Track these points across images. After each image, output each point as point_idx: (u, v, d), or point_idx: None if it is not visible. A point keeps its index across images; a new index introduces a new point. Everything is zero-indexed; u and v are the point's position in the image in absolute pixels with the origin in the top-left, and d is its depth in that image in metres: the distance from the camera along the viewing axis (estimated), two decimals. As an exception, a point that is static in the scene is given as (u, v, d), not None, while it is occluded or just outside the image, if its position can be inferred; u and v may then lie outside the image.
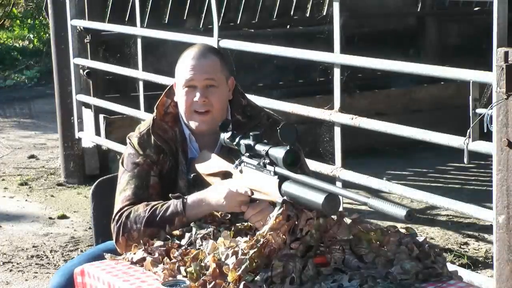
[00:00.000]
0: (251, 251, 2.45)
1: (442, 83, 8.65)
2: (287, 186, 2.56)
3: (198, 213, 2.87)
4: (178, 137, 3.09)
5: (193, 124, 3.06)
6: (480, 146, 3.96)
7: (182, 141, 3.09)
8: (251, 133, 2.76)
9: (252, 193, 2.76)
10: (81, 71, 7.58)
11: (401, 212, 2.25)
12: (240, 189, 2.78)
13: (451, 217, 6.26)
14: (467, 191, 6.93)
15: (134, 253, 2.77)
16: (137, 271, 2.71)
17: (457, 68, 4.29)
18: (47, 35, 14.30)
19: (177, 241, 2.76)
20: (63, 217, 6.55)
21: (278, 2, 9.15)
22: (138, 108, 6.87)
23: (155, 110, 3.12)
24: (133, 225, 2.90)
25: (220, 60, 3.09)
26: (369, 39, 8.97)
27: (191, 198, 2.89)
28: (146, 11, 8.52)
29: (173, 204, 2.89)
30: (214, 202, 2.84)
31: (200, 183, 2.97)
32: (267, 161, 2.66)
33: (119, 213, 2.96)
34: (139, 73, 6.87)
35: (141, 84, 6.84)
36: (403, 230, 2.64)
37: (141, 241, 2.84)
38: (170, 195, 2.93)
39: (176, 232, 2.81)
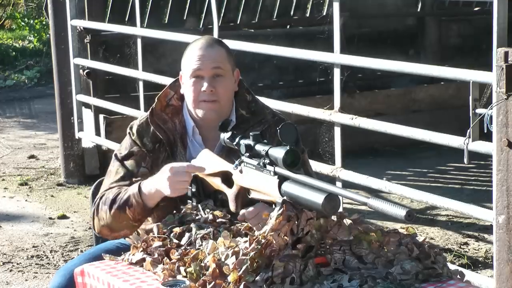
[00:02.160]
0: (252, 252, 2.45)
1: (442, 83, 8.65)
2: (287, 186, 2.56)
3: (152, 198, 2.93)
4: (178, 128, 3.11)
5: (200, 113, 3.07)
6: (480, 146, 3.96)
7: (182, 133, 3.11)
8: (251, 133, 2.76)
9: (250, 191, 2.76)
10: (81, 71, 7.58)
11: (401, 212, 2.25)
12: (180, 170, 2.84)
13: (451, 217, 6.26)
14: (467, 191, 6.94)
15: (133, 254, 2.77)
16: (137, 271, 2.71)
17: (457, 68, 4.29)
18: (47, 35, 14.30)
19: (176, 241, 2.76)
20: (63, 217, 6.55)
21: (278, 2, 9.15)
22: (138, 108, 6.87)
23: (155, 101, 3.14)
24: (102, 206, 3.02)
25: (226, 51, 3.12)
26: (369, 39, 8.99)
27: (146, 183, 2.95)
28: (146, 11, 8.53)
29: (132, 187, 2.97)
30: (160, 187, 2.89)
31: (199, 183, 2.97)
32: (267, 161, 2.66)
33: (98, 197, 3.07)
34: (139, 73, 6.87)
35: (141, 84, 6.84)
36: (403, 230, 2.64)
37: (112, 227, 2.99)
38: (133, 179, 3.01)
39: (177, 230, 2.81)
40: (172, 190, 2.86)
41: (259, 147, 2.70)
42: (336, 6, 4.90)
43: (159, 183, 2.89)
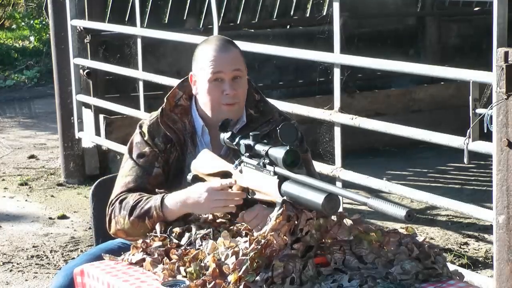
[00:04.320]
0: (252, 252, 2.45)
1: (442, 83, 8.65)
2: (287, 186, 2.56)
3: (174, 211, 2.88)
4: (188, 128, 3.10)
5: (221, 116, 3.02)
6: (480, 146, 3.96)
7: (192, 132, 3.11)
8: (251, 133, 2.76)
9: (250, 191, 2.76)
10: (81, 71, 7.58)
11: (401, 212, 2.25)
12: (219, 193, 2.78)
13: (451, 217, 6.26)
14: (467, 191, 6.93)
15: (133, 254, 2.77)
16: (137, 271, 2.71)
17: (457, 68, 4.29)
18: (47, 35, 14.30)
19: (176, 241, 2.76)
20: (63, 217, 6.54)
21: (278, 2, 9.15)
22: (138, 108, 6.87)
23: (165, 101, 3.13)
24: (121, 211, 2.97)
25: (239, 51, 3.13)
26: (369, 39, 8.98)
27: (170, 196, 2.91)
28: (146, 11, 8.53)
29: (154, 198, 2.93)
30: (191, 203, 2.85)
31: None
32: (267, 161, 2.66)
33: (116, 197, 3.02)
34: (139, 73, 6.87)
35: (141, 84, 6.84)
36: (403, 230, 2.64)
37: (128, 232, 2.94)
38: (156, 190, 2.97)
39: (177, 230, 2.81)
40: (209, 210, 2.82)
41: (259, 147, 2.70)
42: (336, 6, 4.90)
43: (193, 203, 2.83)
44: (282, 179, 2.59)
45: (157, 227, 2.87)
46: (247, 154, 2.77)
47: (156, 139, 3.08)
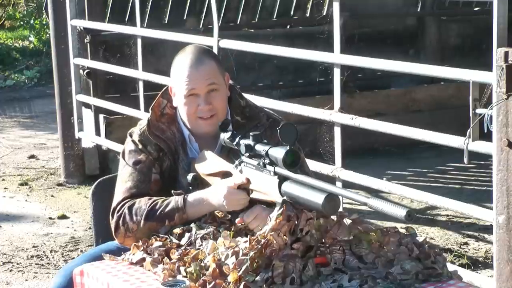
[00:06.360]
0: (252, 252, 2.45)
1: (442, 83, 8.65)
2: (287, 186, 2.56)
3: (199, 211, 2.89)
4: (178, 136, 3.09)
5: (199, 129, 3.06)
6: (480, 146, 3.96)
7: (182, 140, 3.09)
8: (251, 133, 2.77)
9: (250, 191, 2.76)
10: (81, 71, 7.58)
11: (401, 212, 2.25)
12: (237, 192, 2.80)
13: (451, 217, 6.26)
14: (467, 191, 6.93)
15: (133, 254, 2.77)
16: (137, 271, 2.71)
17: (457, 68, 4.29)
18: (47, 35, 14.30)
19: (176, 241, 2.76)
20: (63, 217, 6.54)
21: (278, 2, 9.15)
22: (138, 108, 6.87)
23: (150, 111, 3.12)
24: (133, 217, 2.93)
25: (216, 62, 3.09)
26: (369, 39, 8.98)
27: (192, 196, 2.91)
28: (146, 11, 8.52)
29: (174, 200, 2.91)
30: (215, 202, 2.86)
31: (199, 183, 2.97)
32: (267, 161, 2.66)
33: (120, 204, 2.98)
34: (139, 73, 6.87)
35: (141, 84, 6.84)
36: (403, 230, 2.64)
37: (139, 237, 2.88)
38: (172, 191, 2.95)
39: (177, 230, 2.81)
40: (229, 206, 2.83)
41: (259, 147, 2.70)
42: (336, 6, 4.90)
43: (217, 201, 2.85)
44: (282, 179, 2.60)
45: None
46: (247, 154, 2.77)
47: (148, 147, 3.06)
